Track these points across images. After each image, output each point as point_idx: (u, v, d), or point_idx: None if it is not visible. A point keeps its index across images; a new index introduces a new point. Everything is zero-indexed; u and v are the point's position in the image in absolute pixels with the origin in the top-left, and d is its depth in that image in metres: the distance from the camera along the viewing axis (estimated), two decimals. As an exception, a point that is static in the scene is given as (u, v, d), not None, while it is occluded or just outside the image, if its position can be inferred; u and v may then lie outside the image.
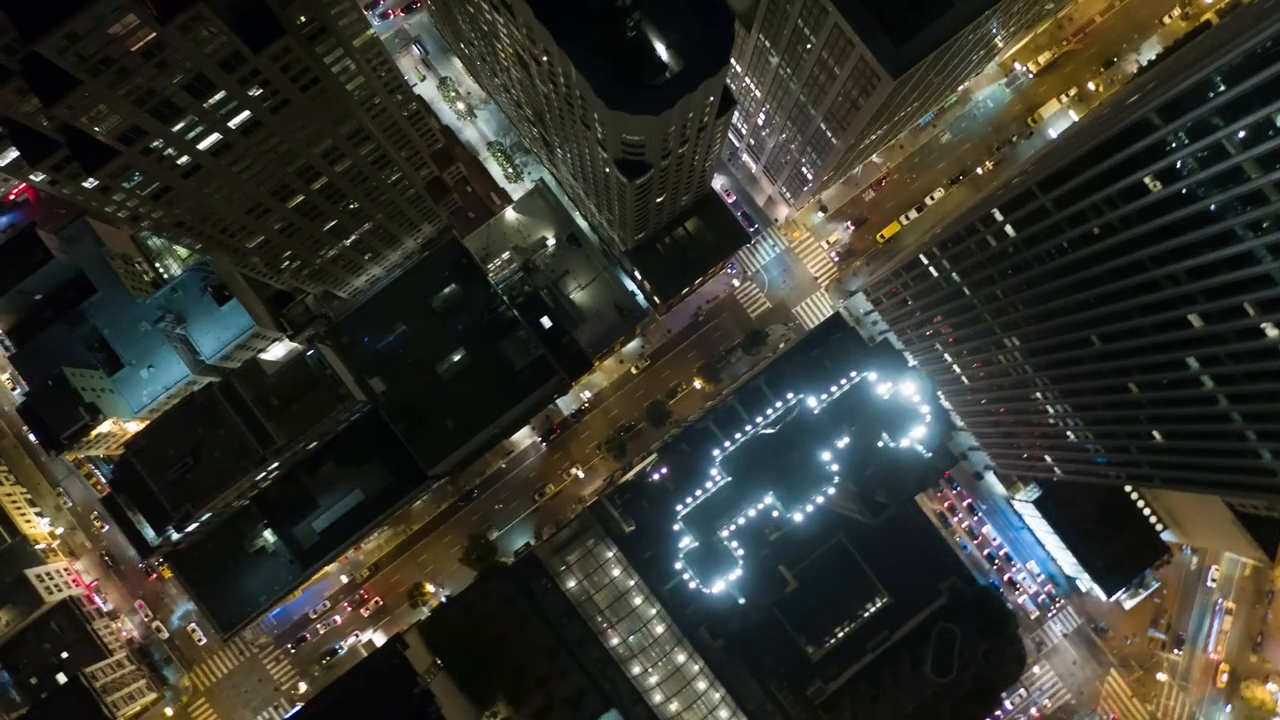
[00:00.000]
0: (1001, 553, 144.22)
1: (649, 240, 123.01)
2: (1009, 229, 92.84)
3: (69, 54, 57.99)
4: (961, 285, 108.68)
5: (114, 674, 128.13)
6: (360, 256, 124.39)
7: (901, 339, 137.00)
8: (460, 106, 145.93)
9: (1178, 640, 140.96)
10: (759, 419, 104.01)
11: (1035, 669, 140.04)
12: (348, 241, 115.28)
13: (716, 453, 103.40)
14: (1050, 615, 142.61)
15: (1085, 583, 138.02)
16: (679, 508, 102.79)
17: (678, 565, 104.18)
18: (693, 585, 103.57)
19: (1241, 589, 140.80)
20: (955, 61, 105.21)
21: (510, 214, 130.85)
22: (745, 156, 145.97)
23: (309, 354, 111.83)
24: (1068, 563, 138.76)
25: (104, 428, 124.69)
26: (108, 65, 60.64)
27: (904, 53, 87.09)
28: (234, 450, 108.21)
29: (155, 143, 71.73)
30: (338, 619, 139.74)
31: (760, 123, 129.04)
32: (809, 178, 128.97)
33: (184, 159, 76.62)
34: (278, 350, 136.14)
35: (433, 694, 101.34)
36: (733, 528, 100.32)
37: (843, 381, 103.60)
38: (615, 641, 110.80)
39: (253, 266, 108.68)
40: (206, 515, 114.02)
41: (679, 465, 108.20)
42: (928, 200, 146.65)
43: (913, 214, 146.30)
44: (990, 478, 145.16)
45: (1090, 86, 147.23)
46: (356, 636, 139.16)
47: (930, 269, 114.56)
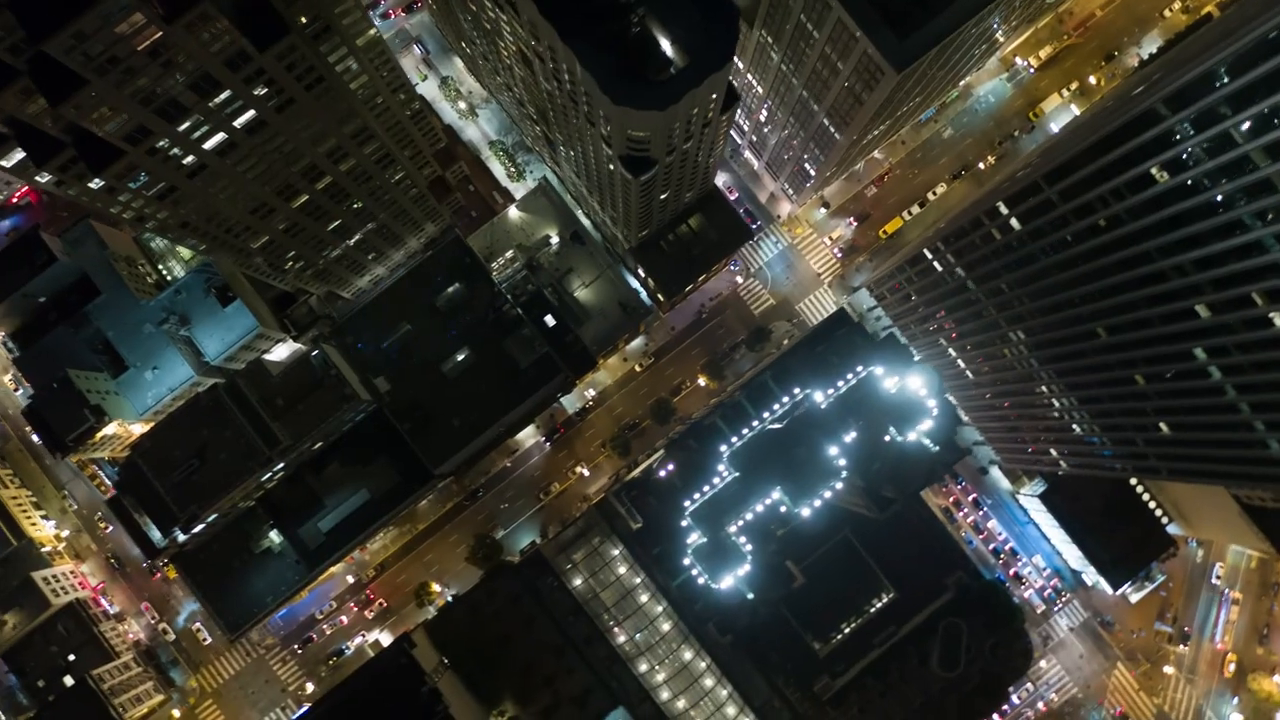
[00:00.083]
0: (1007, 547, 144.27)
1: (652, 237, 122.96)
2: (1014, 222, 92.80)
3: (76, 53, 57.87)
4: (966, 279, 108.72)
5: (121, 676, 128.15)
6: (364, 256, 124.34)
7: (905, 334, 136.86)
8: (462, 106, 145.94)
9: (1184, 633, 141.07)
10: (765, 414, 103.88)
11: (1042, 663, 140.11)
12: (351, 241, 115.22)
13: (724, 448, 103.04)
14: (1056, 609, 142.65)
15: (1091, 576, 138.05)
16: (687, 504, 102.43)
17: (686, 561, 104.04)
18: (701, 581, 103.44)
19: (1248, 581, 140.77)
20: (958, 56, 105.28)
21: (513, 212, 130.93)
22: (747, 153, 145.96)
23: (313, 354, 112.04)
24: (1073, 556, 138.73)
25: (109, 430, 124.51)
26: (114, 64, 60.57)
27: (908, 47, 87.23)
28: (239, 451, 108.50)
29: (161, 142, 71.70)
30: (344, 619, 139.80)
31: (762, 119, 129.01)
32: (811, 174, 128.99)
33: (189, 159, 76.61)
34: (282, 351, 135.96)
35: (440, 693, 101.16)
36: (741, 523, 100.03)
37: (849, 376, 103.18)
38: (622, 639, 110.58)
39: (256, 267, 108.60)
40: (212, 516, 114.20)
41: (686, 461, 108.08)
42: (930, 195, 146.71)
43: (915, 209, 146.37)
44: (995, 472, 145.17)
45: (1091, 80, 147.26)
46: (363, 636, 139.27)
47: (934, 263, 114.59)
